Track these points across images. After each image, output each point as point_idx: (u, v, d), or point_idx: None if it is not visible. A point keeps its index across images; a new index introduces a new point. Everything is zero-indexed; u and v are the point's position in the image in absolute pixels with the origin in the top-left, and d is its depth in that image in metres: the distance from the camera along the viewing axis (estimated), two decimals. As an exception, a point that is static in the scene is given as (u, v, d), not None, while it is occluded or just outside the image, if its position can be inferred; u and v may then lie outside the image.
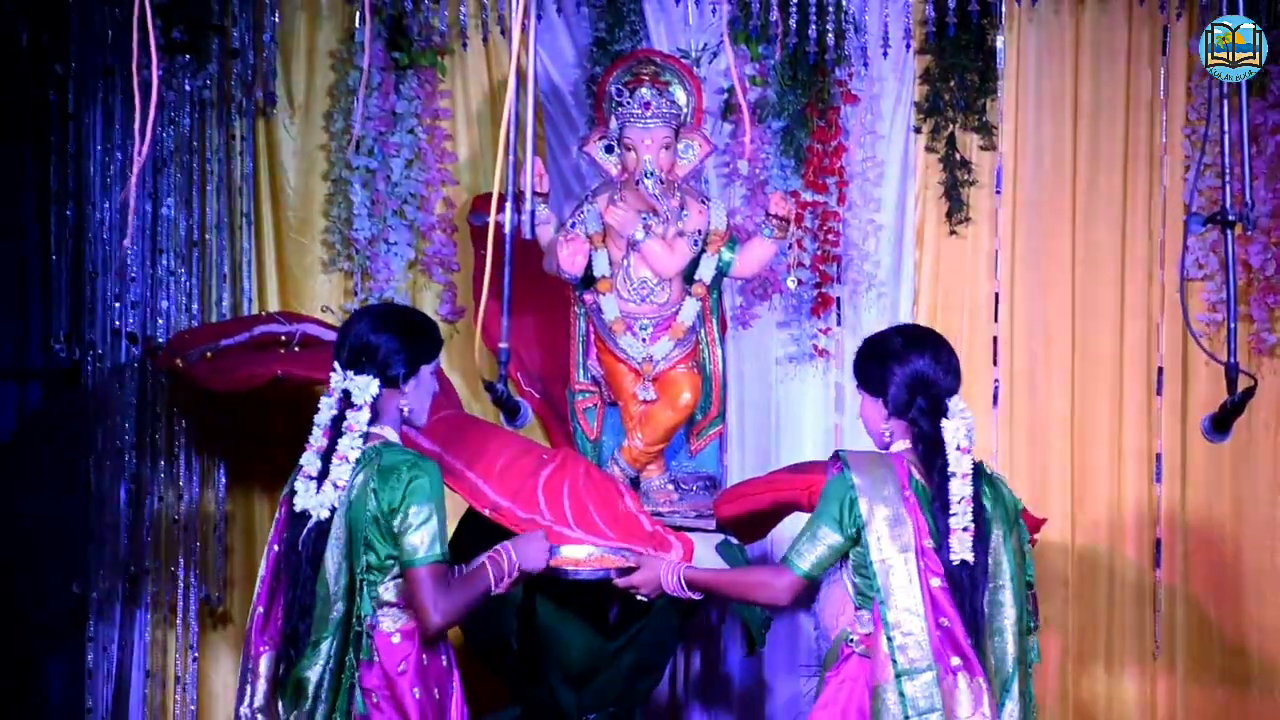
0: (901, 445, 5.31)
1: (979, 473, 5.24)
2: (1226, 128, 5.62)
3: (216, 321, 7.83)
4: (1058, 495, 8.00)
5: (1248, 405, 5.55)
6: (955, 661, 5.08)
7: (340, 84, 8.03)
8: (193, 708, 7.91)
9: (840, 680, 5.30)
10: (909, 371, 5.26)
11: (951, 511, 5.15)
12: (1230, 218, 5.58)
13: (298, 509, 5.26)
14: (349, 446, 5.25)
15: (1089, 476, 8.05)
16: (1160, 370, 8.05)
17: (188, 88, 7.81)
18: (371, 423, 5.30)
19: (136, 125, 5.37)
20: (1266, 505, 8.00)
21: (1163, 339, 8.04)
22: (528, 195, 5.39)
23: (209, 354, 7.18)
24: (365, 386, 5.28)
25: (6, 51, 7.65)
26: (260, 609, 5.36)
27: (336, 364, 5.35)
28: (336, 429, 5.29)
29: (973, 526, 5.15)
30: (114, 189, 7.69)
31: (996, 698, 5.16)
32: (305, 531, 5.24)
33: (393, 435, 5.39)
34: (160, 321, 7.82)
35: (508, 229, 5.27)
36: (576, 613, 6.59)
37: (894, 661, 5.09)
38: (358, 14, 7.90)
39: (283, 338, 7.25)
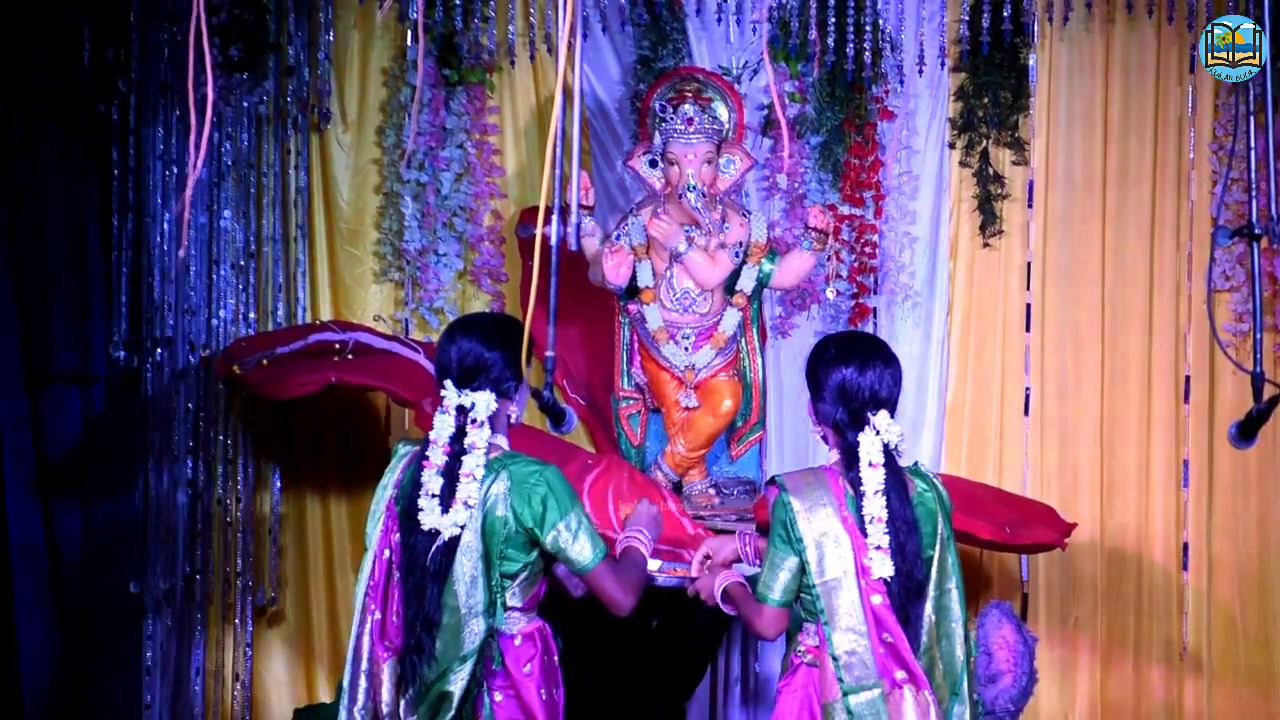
0: (834, 455, 5.28)
1: (900, 481, 5.18)
2: (1253, 143, 5.54)
3: (272, 330, 7.87)
4: (1088, 500, 8.02)
5: (1273, 413, 5.43)
6: (900, 675, 5.07)
7: (392, 100, 8.07)
8: (247, 704, 7.94)
9: (791, 690, 5.29)
10: (833, 381, 5.21)
11: (866, 531, 5.11)
12: (1257, 231, 5.48)
13: (425, 528, 5.18)
14: (475, 465, 5.18)
15: (1118, 482, 8.07)
16: (1188, 379, 8.07)
17: (245, 104, 7.85)
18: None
19: (192, 139, 5.42)
20: None
21: (1190, 348, 8.06)
22: (574, 208, 5.37)
23: (265, 361, 7.22)
24: (485, 403, 5.21)
25: (71, 69, 7.64)
26: (377, 615, 5.26)
27: (447, 383, 5.26)
28: (457, 446, 5.22)
29: (886, 542, 5.08)
30: (173, 201, 7.70)
31: (945, 704, 5.15)
32: (434, 548, 5.18)
33: (504, 443, 5.35)
34: (218, 329, 7.84)
35: (554, 241, 5.18)
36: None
37: (840, 680, 5.07)
38: (410, 33, 7.96)
39: (336, 346, 7.29)
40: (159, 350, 7.74)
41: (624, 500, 6.58)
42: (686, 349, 7.05)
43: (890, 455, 5.19)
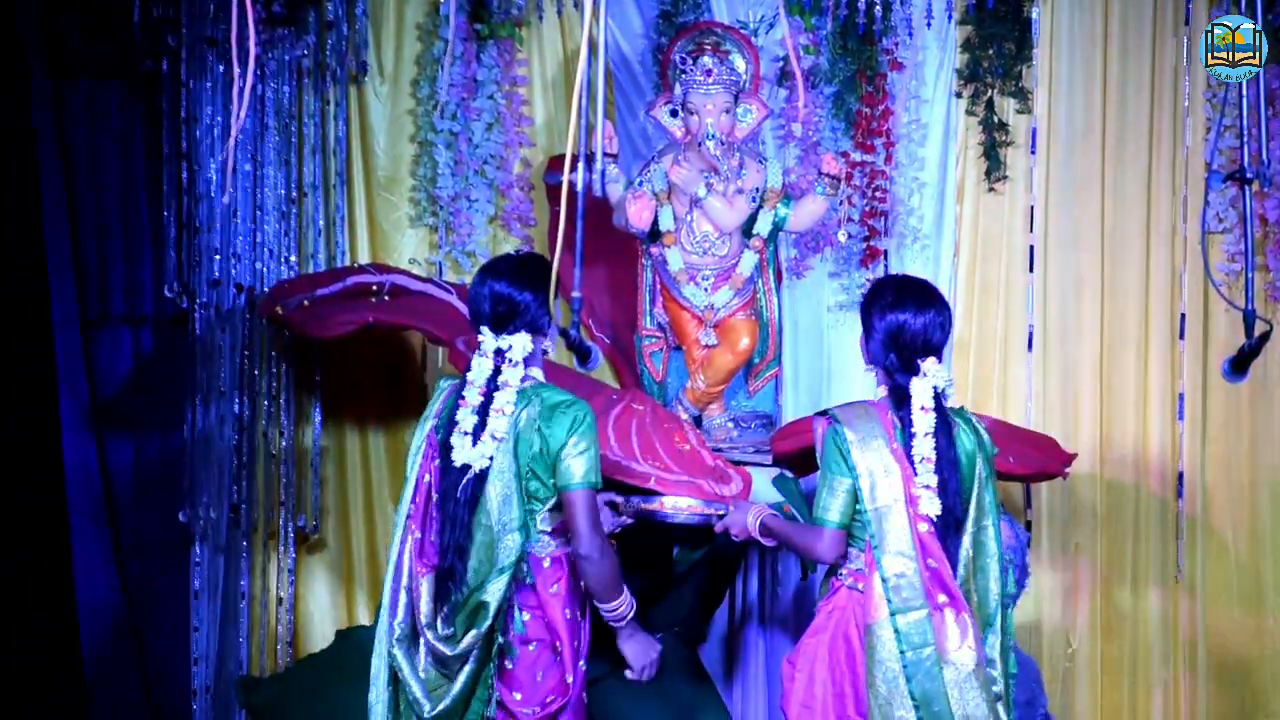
0: (882, 392, 5.38)
1: (946, 423, 5.30)
2: (1245, 92, 5.54)
3: (313, 272, 7.85)
4: (1088, 432, 8.06)
5: (1264, 348, 5.51)
6: (942, 599, 5.17)
7: (426, 54, 8.04)
8: (291, 626, 7.96)
9: (830, 609, 5.39)
10: (886, 324, 5.32)
11: (916, 471, 5.24)
12: (1248, 175, 5.48)
13: (457, 463, 5.30)
14: (507, 400, 5.29)
15: (1117, 415, 8.09)
16: (1183, 316, 8.09)
17: (286, 58, 7.82)
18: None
19: (235, 91, 5.46)
20: None
21: (1185, 287, 8.07)
22: (598, 156, 5.35)
23: (306, 302, 7.28)
24: (521, 344, 5.34)
25: (122, 24, 7.64)
26: (416, 534, 5.38)
27: (484, 328, 5.38)
28: (493, 386, 5.33)
29: (934, 482, 5.22)
30: (219, 151, 7.68)
31: (980, 631, 5.24)
32: (466, 480, 5.30)
33: (539, 374, 5.44)
34: (261, 272, 7.86)
35: (580, 187, 5.21)
36: (645, 545, 6.63)
37: (889, 600, 5.17)
38: None
39: (373, 287, 7.35)
40: (207, 292, 7.74)
41: (646, 432, 6.66)
42: (706, 289, 7.14)
43: (939, 399, 5.31)
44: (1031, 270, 8.15)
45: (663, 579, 6.81)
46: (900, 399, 5.33)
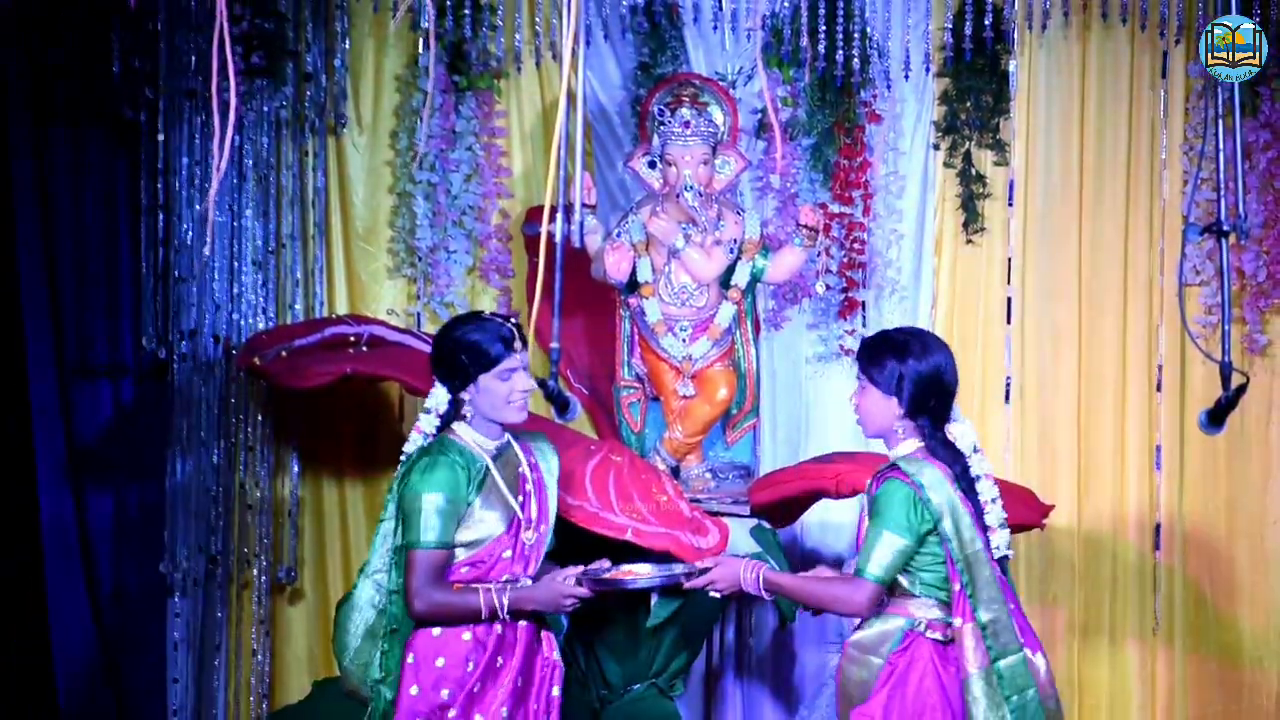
0: (913, 444, 5.25)
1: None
2: (1221, 145, 5.59)
3: (291, 323, 7.84)
4: (1065, 483, 8.00)
5: (1240, 401, 5.53)
6: (1026, 638, 5.16)
7: (405, 105, 8.04)
8: (267, 677, 7.94)
9: (909, 662, 5.23)
10: (926, 373, 5.20)
11: (986, 511, 5.18)
12: (1225, 228, 5.55)
13: None
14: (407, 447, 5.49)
15: (1094, 466, 8.07)
16: (1160, 368, 8.07)
17: (265, 109, 7.83)
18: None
19: (215, 142, 5.42)
20: (1258, 492, 8.04)
21: (1162, 340, 8.06)
22: (577, 207, 5.34)
23: (284, 353, 7.20)
24: (436, 395, 5.42)
25: (101, 77, 7.69)
26: None
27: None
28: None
29: (1003, 520, 5.21)
30: (198, 201, 7.71)
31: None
32: None
33: (462, 429, 5.41)
34: (239, 323, 7.83)
35: (559, 238, 5.24)
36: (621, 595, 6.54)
37: (989, 649, 5.09)
38: (421, 41, 7.95)
39: (351, 338, 7.29)
40: (185, 343, 7.73)
41: (624, 483, 6.54)
42: (684, 340, 7.12)
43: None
44: (1009, 322, 8.12)
45: (640, 631, 6.70)
46: (942, 446, 5.24)
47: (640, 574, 5.57)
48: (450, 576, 5.25)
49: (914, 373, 5.20)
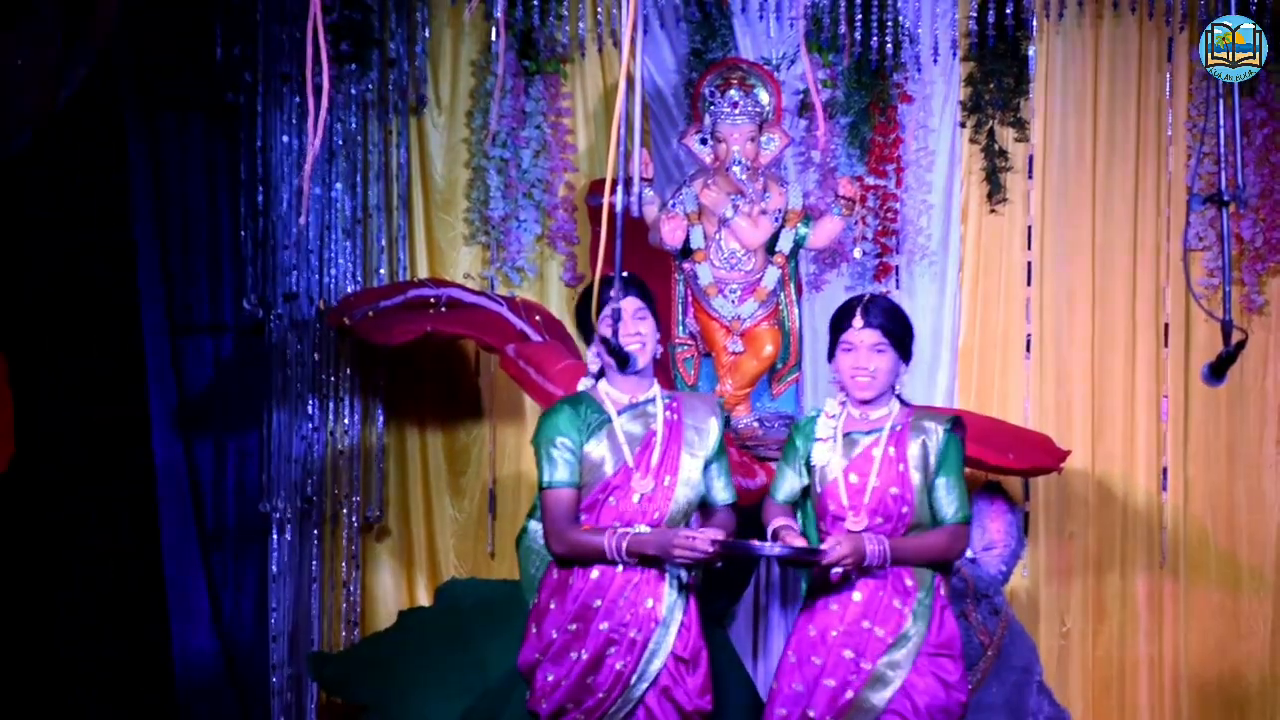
0: (896, 404, 5.64)
1: None
2: (1222, 122, 5.49)
3: (377, 286, 7.96)
4: (1080, 430, 8.09)
5: (1240, 355, 5.52)
6: None
7: (479, 88, 8.17)
8: (357, 607, 8.04)
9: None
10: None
11: None
12: (1225, 198, 5.52)
13: None
14: None
15: (1106, 415, 8.14)
16: (1166, 326, 8.14)
17: (353, 92, 7.97)
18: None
19: (310, 123, 5.54)
20: (1255, 439, 8.09)
21: (1169, 300, 8.13)
22: (636, 180, 5.36)
23: (371, 313, 7.42)
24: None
25: (206, 63, 7.83)
26: None
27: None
28: None
29: None
30: (292, 176, 7.82)
31: None
32: None
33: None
34: (330, 286, 7.96)
35: (619, 209, 5.22)
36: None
37: None
38: (493, 29, 8.05)
39: (431, 300, 7.47)
40: (282, 304, 7.86)
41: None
42: (733, 301, 7.23)
43: None
44: (1029, 283, 8.20)
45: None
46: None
47: (766, 545, 5.52)
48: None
49: (913, 346, 5.66)
